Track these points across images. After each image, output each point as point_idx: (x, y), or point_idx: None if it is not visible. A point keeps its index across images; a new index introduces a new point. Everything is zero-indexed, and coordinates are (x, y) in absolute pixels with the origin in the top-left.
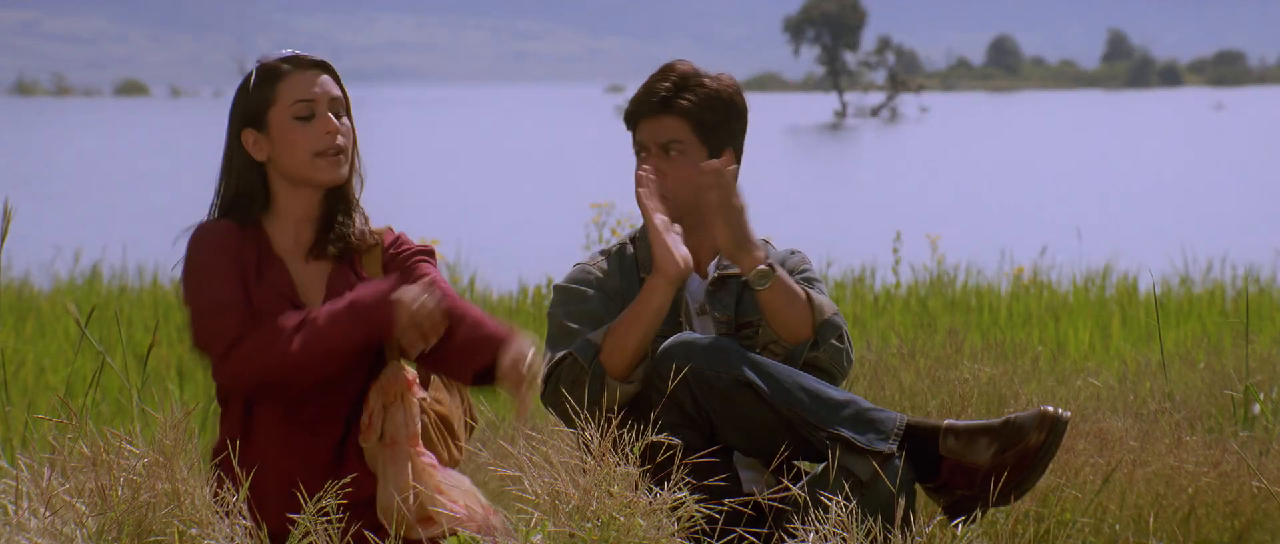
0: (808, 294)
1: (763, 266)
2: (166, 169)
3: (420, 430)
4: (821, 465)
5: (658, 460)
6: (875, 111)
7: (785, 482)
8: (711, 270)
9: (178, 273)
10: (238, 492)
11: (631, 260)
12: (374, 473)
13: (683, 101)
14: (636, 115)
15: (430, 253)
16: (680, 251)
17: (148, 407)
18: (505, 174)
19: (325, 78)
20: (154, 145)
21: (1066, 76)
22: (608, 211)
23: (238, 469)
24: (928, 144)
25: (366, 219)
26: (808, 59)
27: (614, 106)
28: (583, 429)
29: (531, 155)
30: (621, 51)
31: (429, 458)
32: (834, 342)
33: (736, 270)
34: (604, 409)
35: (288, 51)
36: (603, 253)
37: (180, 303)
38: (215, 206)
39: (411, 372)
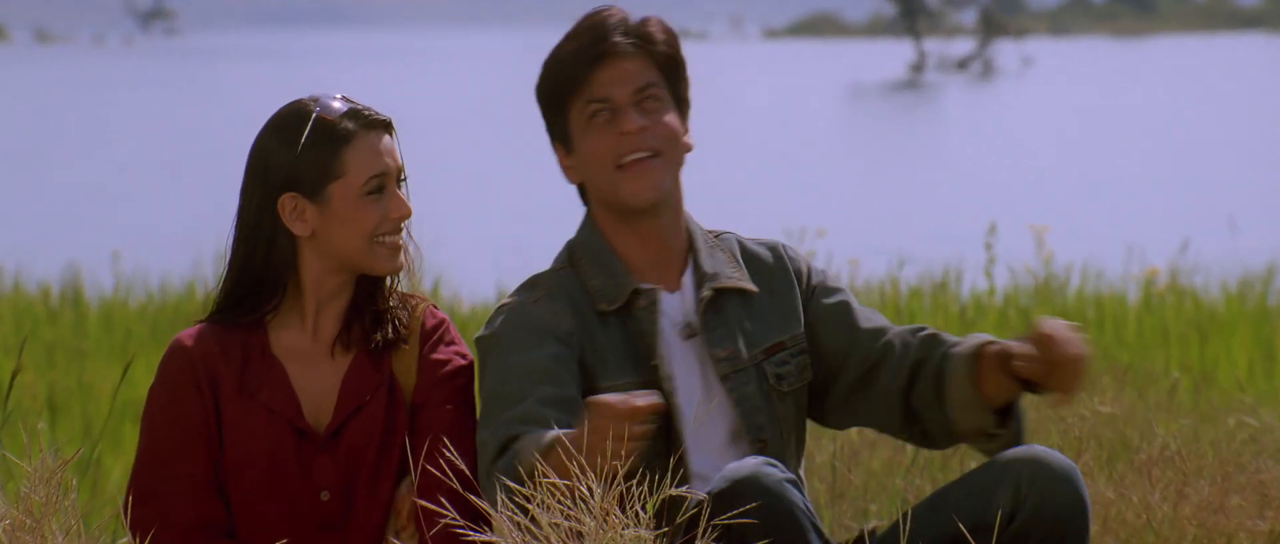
0: None
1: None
2: (31, 137)
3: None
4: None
5: (678, 521)
6: (963, 64)
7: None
8: (687, 281)
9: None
10: None
11: (579, 291)
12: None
13: (642, 40)
14: (586, 66)
15: (467, 365)
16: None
17: (10, 453)
18: (475, 144)
19: (390, 140)
20: (14, 106)
21: (1217, 15)
22: None
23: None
24: (1032, 106)
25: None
26: None
27: None
28: (579, 482)
29: (507, 119)
30: None
31: None
32: None
33: (729, 284)
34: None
35: (344, 103)
36: (531, 286)
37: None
38: (224, 288)
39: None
